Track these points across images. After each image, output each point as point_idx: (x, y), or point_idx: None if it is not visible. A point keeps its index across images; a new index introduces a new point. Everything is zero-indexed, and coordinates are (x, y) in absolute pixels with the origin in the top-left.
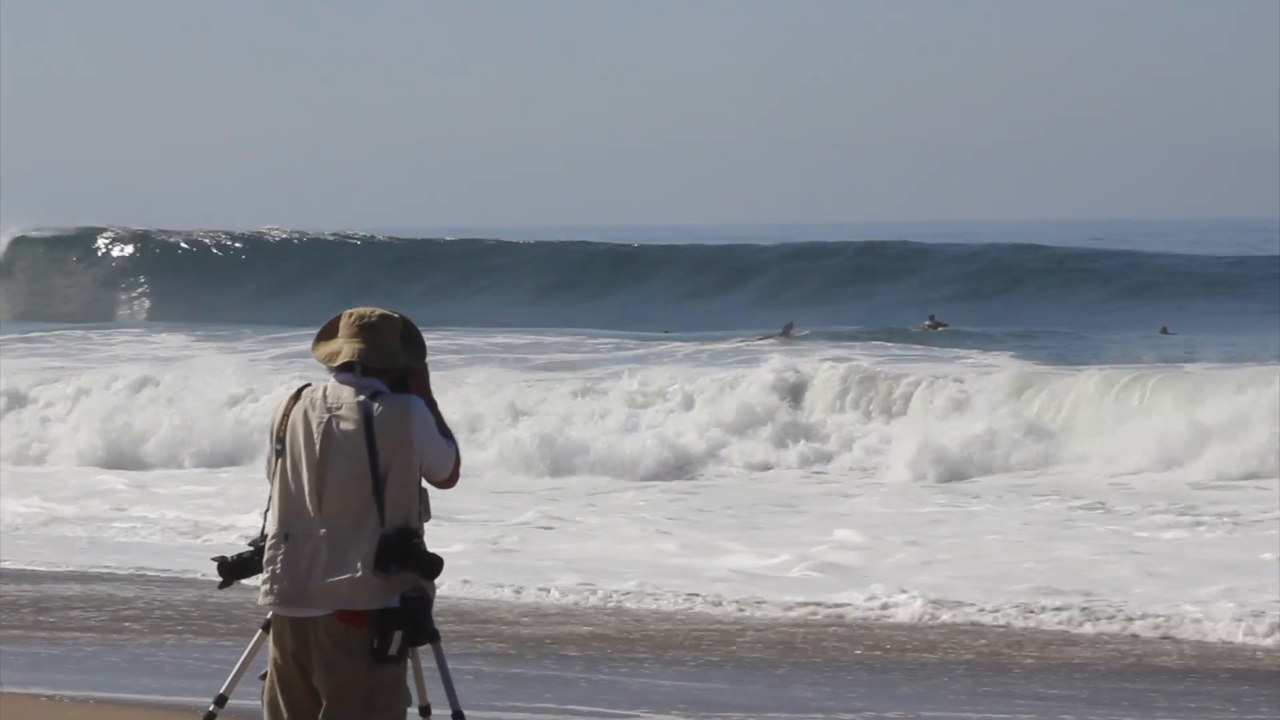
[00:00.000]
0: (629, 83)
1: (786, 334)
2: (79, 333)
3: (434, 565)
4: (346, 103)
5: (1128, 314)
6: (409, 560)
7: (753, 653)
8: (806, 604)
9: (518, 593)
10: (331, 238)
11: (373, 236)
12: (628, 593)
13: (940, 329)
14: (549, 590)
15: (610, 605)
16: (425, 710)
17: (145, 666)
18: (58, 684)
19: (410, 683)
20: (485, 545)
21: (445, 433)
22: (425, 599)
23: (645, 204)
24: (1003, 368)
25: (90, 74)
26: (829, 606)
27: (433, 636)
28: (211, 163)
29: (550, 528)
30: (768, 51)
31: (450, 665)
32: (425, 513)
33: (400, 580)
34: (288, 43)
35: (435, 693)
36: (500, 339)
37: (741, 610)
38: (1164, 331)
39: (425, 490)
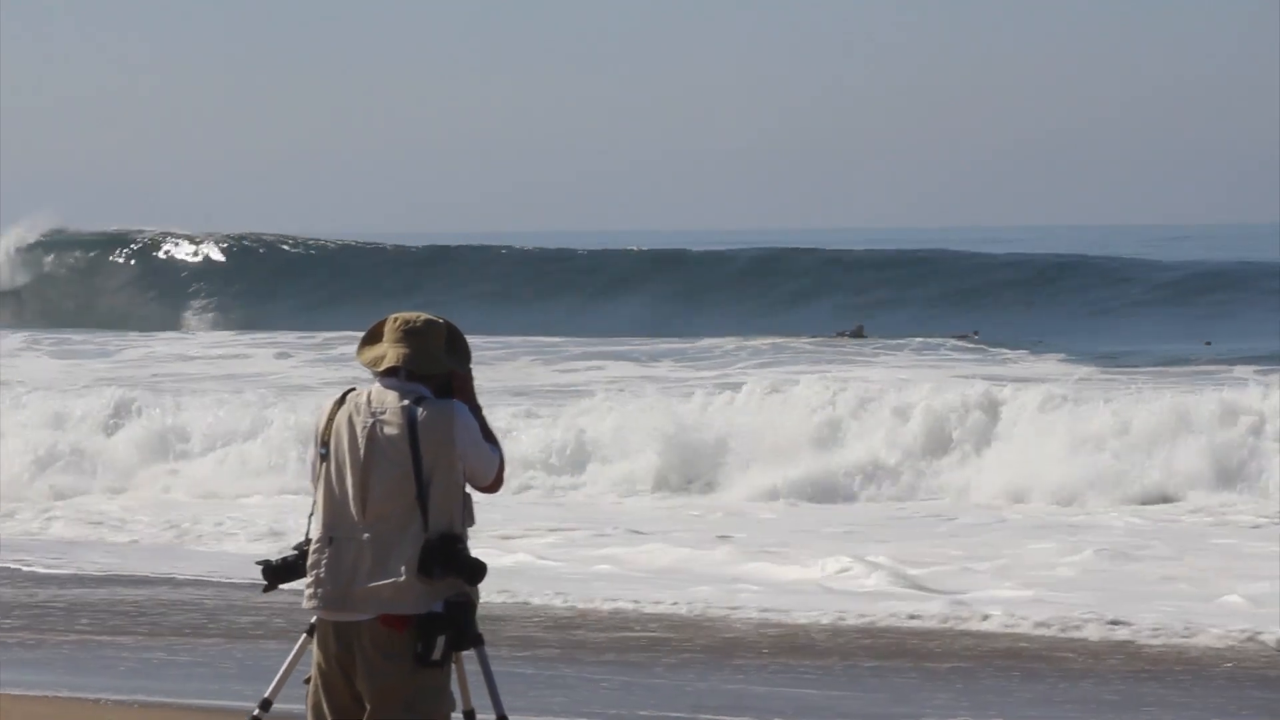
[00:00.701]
0: (646, 89)
1: (858, 335)
2: (103, 336)
3: (477, 571)
4: (361, 109)
5: (1164, 320)
6: (452, 565)
7: (865, 659)
8: (918, 614)
9: (634, 602)
10: (341, 244)
11: (381, 244)
12: (719, 604)
13: (976, 337)
14: (643, 601)
15: (713, 614)
16: (470, 715)
17: (189, 670)
18: (101, 688)
19: (455, 688)
20: (582, 554)
21: (489, 437)
22: (469, 604)
23: (662, 210)
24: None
25: (100, 76)
26: (931, 614)
27: (476, 641)
28: (220, 167)
29: (635, 536)
30: (784, 58)
31: (566, 671)
32: (469, 518)
33: (444, 585)
34: (303, 50)
35: (480, 699)
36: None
37: (846, 618)
38: (1207, 345)
39: (469, 495)
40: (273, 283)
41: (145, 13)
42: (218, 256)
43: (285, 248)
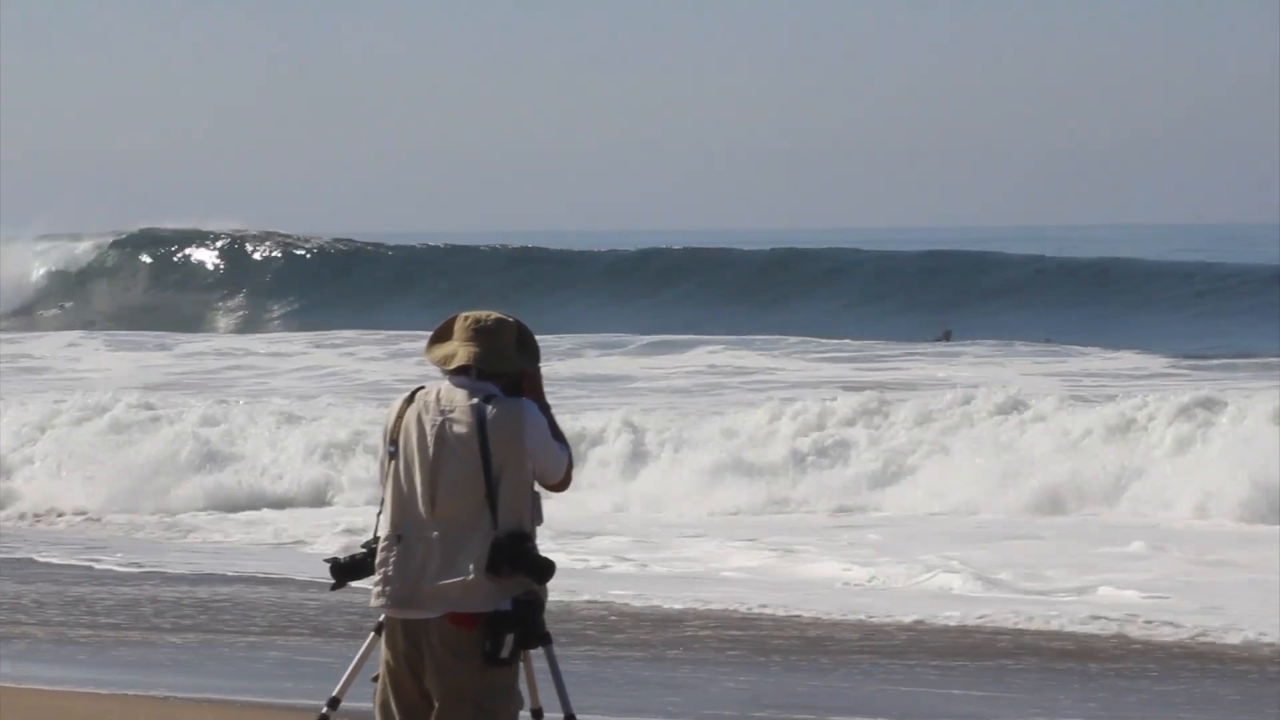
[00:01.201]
0: (670, 90)
1: (945, 339)
2: (147, 334)
3: (546, 569)
4: (377, 108)
5: (1232, 318)
6: (521, 564)
7: (975, 660)
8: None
9: (746, 604)
10: (360, 244)
11: (396, 245)
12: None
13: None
14: (766, 604)
15: (823, 614)
16: (538, 713)
17: (258, 668)
18: (170, 685)
19: (523, 686)
20: (697, 557)
21: (558, 436)
22: (537, 602)
23: (678, 211)
24: None
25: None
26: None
27: (544, 639)
28: (238, 168)
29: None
30: (813, 61)
31: (682, 671)
32: (538, 516)
33: (512, 583)
34: (322, 51)
35: (549, 697)
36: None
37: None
38: None
39: (538, 494)
40: (298, 282)
41: (173, 13)
42: (243, 255)
43: (307, 245)
